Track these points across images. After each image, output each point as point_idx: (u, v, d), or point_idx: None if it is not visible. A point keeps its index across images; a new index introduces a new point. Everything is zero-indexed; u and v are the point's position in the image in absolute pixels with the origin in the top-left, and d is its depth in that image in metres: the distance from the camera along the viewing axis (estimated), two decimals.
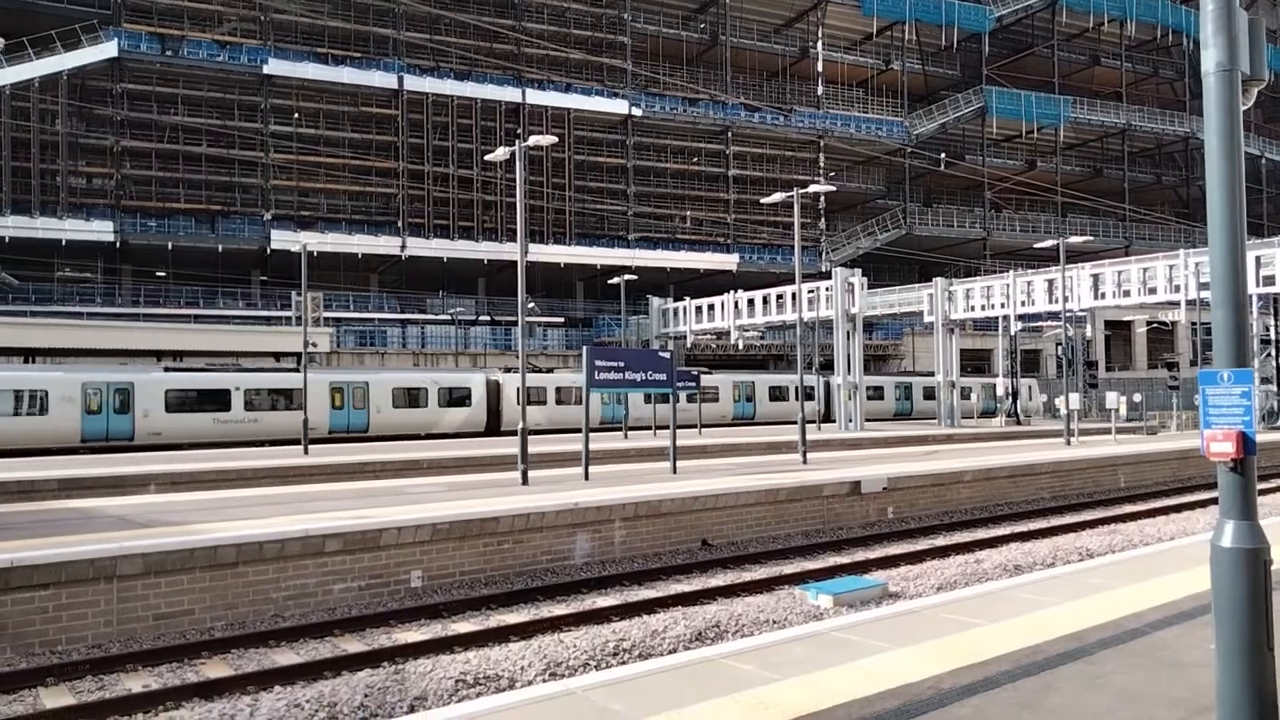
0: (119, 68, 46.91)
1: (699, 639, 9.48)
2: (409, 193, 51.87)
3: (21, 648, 8.95)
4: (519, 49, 54.85)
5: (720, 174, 60.62)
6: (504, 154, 18.22)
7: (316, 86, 50.75)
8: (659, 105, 58.65)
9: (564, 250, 54.39)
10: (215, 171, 49.97)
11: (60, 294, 46.95)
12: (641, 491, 14.81)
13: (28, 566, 9.07)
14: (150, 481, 19.49)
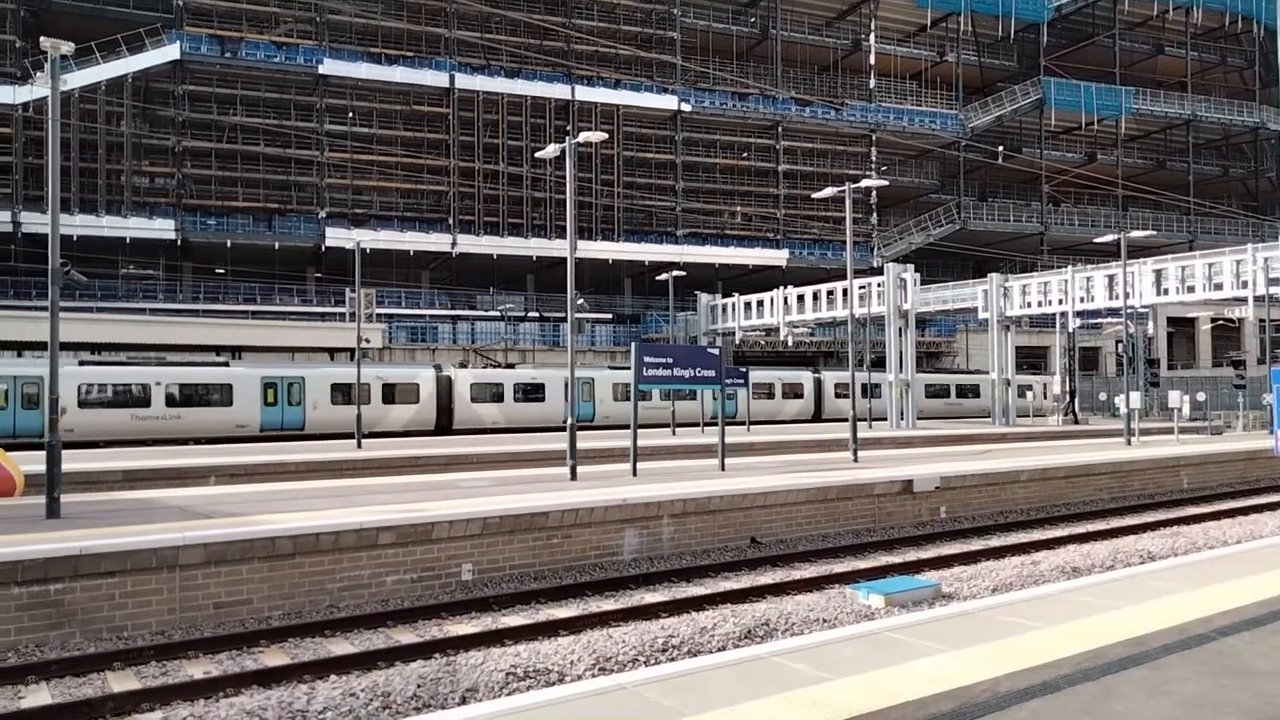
0: (180, 70, 48.13)
1: (748, 637, 9.43)
2: (460, 190, 52.39)
3: (90, 633, 9.25)
4: (569, 45, 55.04)
5: (770, 169, 60.16)
6: (554, 151, 18.30)
7: (370, 86, 51.52)
8: (708, 100, 58.40)
9: (612, 246, 54.47)
10: (272, 170, 51.02)
11: (125, 290, 48.34)
12: (690, 488, 14.78)
13: (95, 555, 9.36)
14: (210, 473, 19.99)
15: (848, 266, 23.78)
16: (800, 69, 64.22)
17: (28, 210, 44.78)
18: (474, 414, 35.84)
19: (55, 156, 13.19)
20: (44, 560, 9.09)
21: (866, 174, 56.18)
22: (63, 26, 45.82)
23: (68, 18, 48.94)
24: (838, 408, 44.37)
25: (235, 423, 31.52)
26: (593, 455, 21.93)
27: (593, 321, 55.90)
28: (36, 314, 29.12)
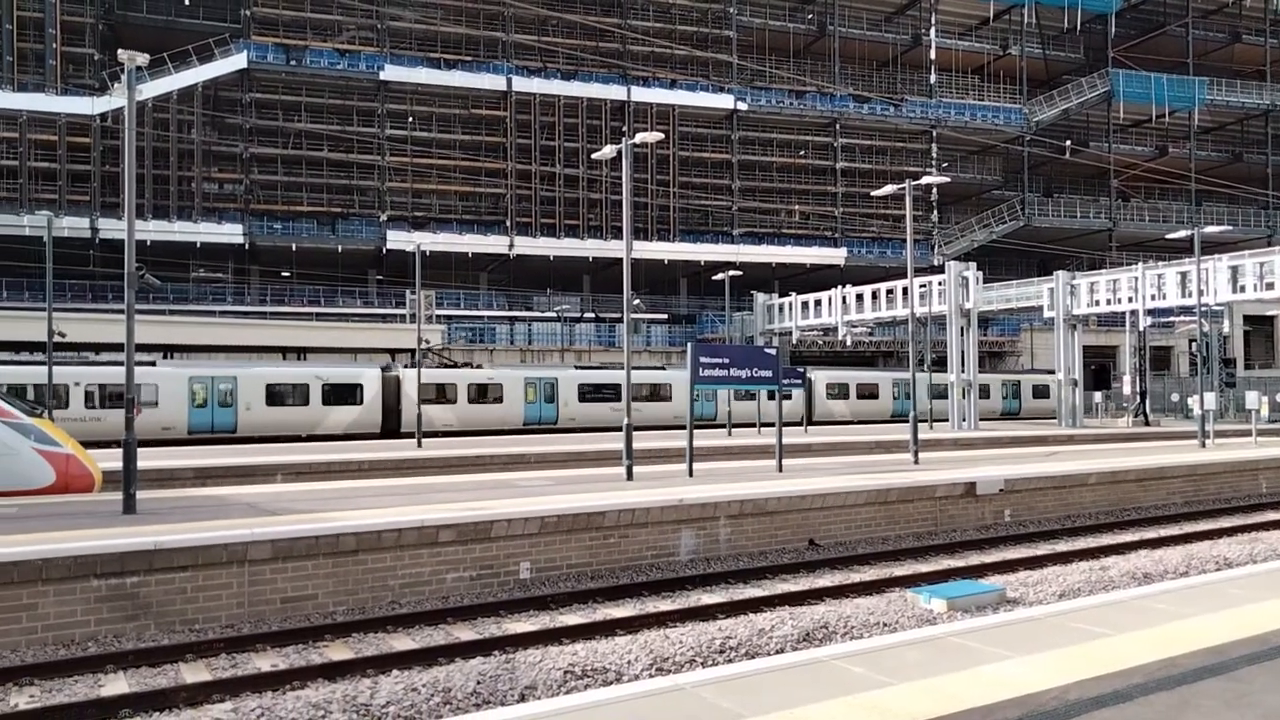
0: (248, 78, 49.51)
1: (807, 639, 9.34)
2: (517, 192, 52.93)
3: (164, 625, 9.55)
4: (625, 46, 55.22)
5: (828, 167, 59.55)
6: (610, 152, 18.36)
7: (430, 90, 52.35)
8: (765, 99, 58.04)
9: (668, 247, 54.48)
10: (335, 175, 52.20)
11: (196, 294, 49.90)
12: (747, 489, 14.69)
13: (169, 549, 9.66)
14: (277, 471, 20.49)
15: (908, 265, 23.40)
16: (858, 65, 63.43)
17: (104, 216, 46.50)
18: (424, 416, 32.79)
19: (131, 164, 13.65)
20: (121, 554, 9.42)
21: (927, 171, 55.24)
22: (138, 39, 47.49)
23: (143, 30, 50.71)
24: (829, 410, 41.54)
25: (160, 425, 29.64)
26: (650, 455, 21.95)
27: (648, 322, 55.99)
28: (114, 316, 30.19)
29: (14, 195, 46.43)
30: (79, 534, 10.06)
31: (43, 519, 11.50)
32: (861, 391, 44.07)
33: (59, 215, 39.16)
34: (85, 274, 46.33)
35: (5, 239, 44.53)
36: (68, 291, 44.17)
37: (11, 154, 46.73)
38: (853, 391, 43.73)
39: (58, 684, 8.00)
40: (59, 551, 9.16)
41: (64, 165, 46.91)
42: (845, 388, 43.54)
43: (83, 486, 14.65)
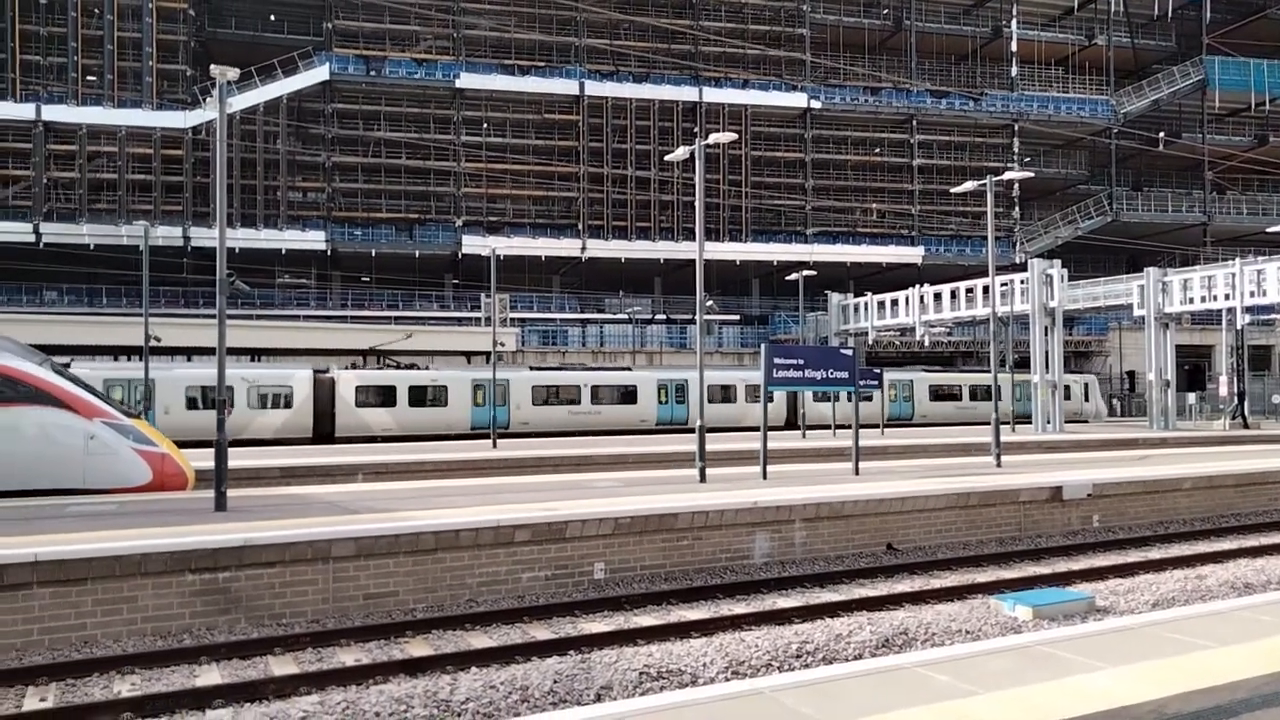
0: (330, 89, 51.03)
1: (886, 645, 9.16)
2: (589, 195, 53.32)
3: (253, 619, 9.88)
4: (696, 48, 55.18)
5: (904, 164, 58.43)
6: (683, 154, 18.34)
7: (504, 96, 53.14)
8: (839, 96, 57.27)
9: (740, 247, 54.19)
10: (413, 182, 53.42)
11: (281, 299, 51.59)
12: (822, 492, 14.49)
13: (258, 546, 10.00)
14: (358, 471, 21.03)
15: (989, 263, 22.79)
16: (936, 60, 62.12)
17: (196, 225, 48.48)
18: (360, 420, 32.56)
19: (222, 175, 14.17)
20: (213, 550, 9.78)
21: (1008, 166, 53.76)
22: (226, 54, 49.33)
23: (231, 45, 52.73)
24: (818, 413, 38.26)
25: None
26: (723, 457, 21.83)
27: (720, 323, 55.76)
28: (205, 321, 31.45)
29: (114, 207, 48.73)
30: (174, 530, 10.49)
31: (140, 515, 12.02)
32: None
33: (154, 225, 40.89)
34: (178, 280, 48.36)
35: (106, 248, 46.75)
36: (161, 297, 46.12)
37: (111, 167, 49.07)
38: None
39: (156, 673, 8.35)
40: (157, 547, 9.56)
41: (158, 177, 49.06)
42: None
43: (177, 485, 15.26)
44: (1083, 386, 45.41)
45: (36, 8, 49.16)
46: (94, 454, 14.49)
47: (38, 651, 8.85)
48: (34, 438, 14.21)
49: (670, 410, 37.20)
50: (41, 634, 8.96)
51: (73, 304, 48.81)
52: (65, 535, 10.08)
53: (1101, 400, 46.83)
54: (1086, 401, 44.98)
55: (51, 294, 49.68)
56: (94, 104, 48.85)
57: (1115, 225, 59.76)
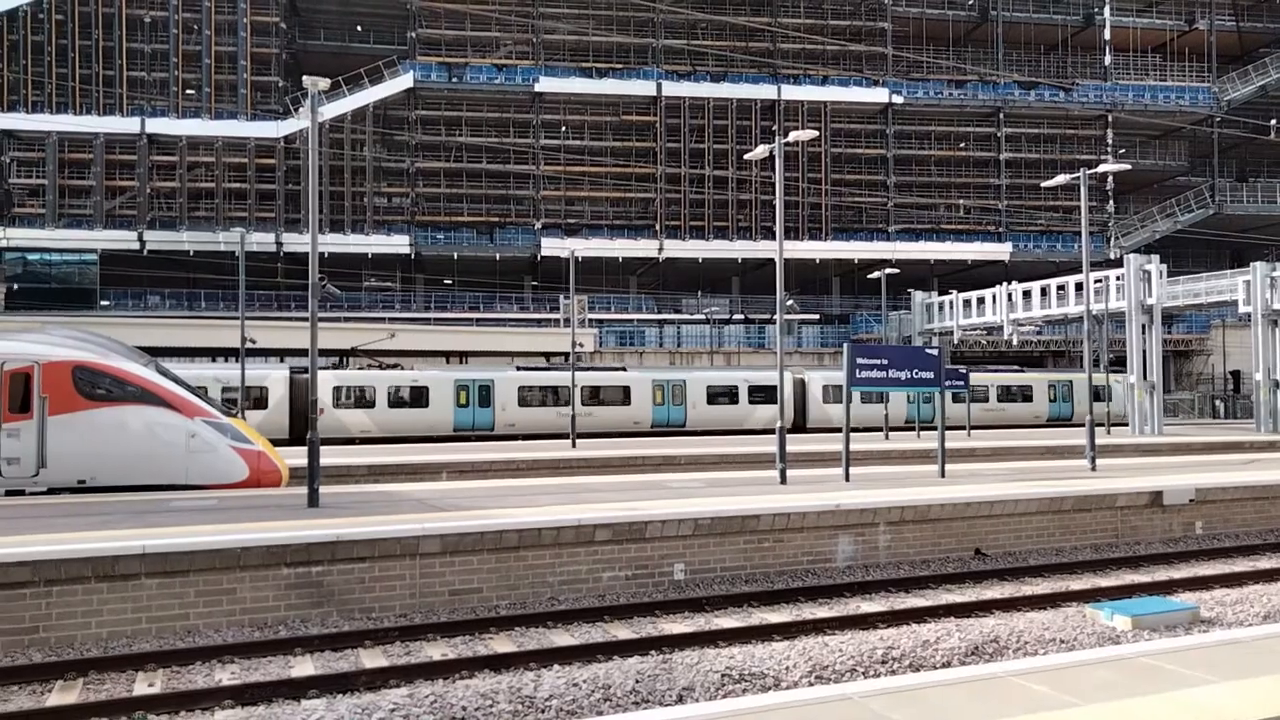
0: (413, 96, 52.29)
1: (975, 653, 8.89)
2: (666, 196, 53.38)
3: (345, 612, 10.17)
4: (775, 45, 54.72)
5: (990, 158, 56.85)
6: (763, 152, 18.19)
7: (581, 99, 53.63)
8: (922, 90, 56.06)
9: (819, 245, 53.51)
10: (493, 186, 54.35)
11: (367, 301, 53.09)
12: (907, 495, 14.18)
13: (349, 541, 10.29)
14: (443, 469, 21.48)
15: (1083, 259, 21.96)
16: (1024, 50, 60.24)
17: (287, 231, 50.26)
18: (337, 421, 31.40)
19: (315, 182, 14.63)
20: (307, 545, 10.10)
21: (1101, 158, 51.82)
22: (316, 65, 50.95)
23: (319, 56, 54.54)
24: (827, 415, 36.68)
25: None
26: (801, 459, 21.58)
27: (800, 322, 55.16)
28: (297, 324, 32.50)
29: (211, 214, 50.89)
30: (270, 525, 10.87)
31: (238, 510, 12.49)
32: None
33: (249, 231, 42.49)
34: (271, 284, 50.19)
35: (204, 254, 48.87)
36: (256, 301, 47.92)
37: (209, 177, 51.26)
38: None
39: (254, 663, 8.66)
40: (254, 541, 9.92)
41: (253, 185, 51.01)
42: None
43: (271, 481, 15.82)
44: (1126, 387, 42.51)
45: (141, 26, 51.67)
46: (195, 451, 15.13)
47: (146, 639, 9.28)
48: (140, 435, 14.91)
49: (667, 412, 35.48)
50: (149, 623, 9.39)
51: (174, 308, 51.13)
52: (170, 529, 10.54)
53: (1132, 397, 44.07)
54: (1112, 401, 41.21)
55: (155, 298, 52.16)
56: (193, 116, 51.12)
57: (1217, 218, 56.97)
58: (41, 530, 10.45)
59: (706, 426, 34.53)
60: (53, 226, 49.80)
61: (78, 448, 14.52)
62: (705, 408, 35.42)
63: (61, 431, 14.43)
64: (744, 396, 36.52)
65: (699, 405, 35.31)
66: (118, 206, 51.30)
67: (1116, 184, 55.82)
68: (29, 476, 14.39)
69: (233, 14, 51.76)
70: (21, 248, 49.98)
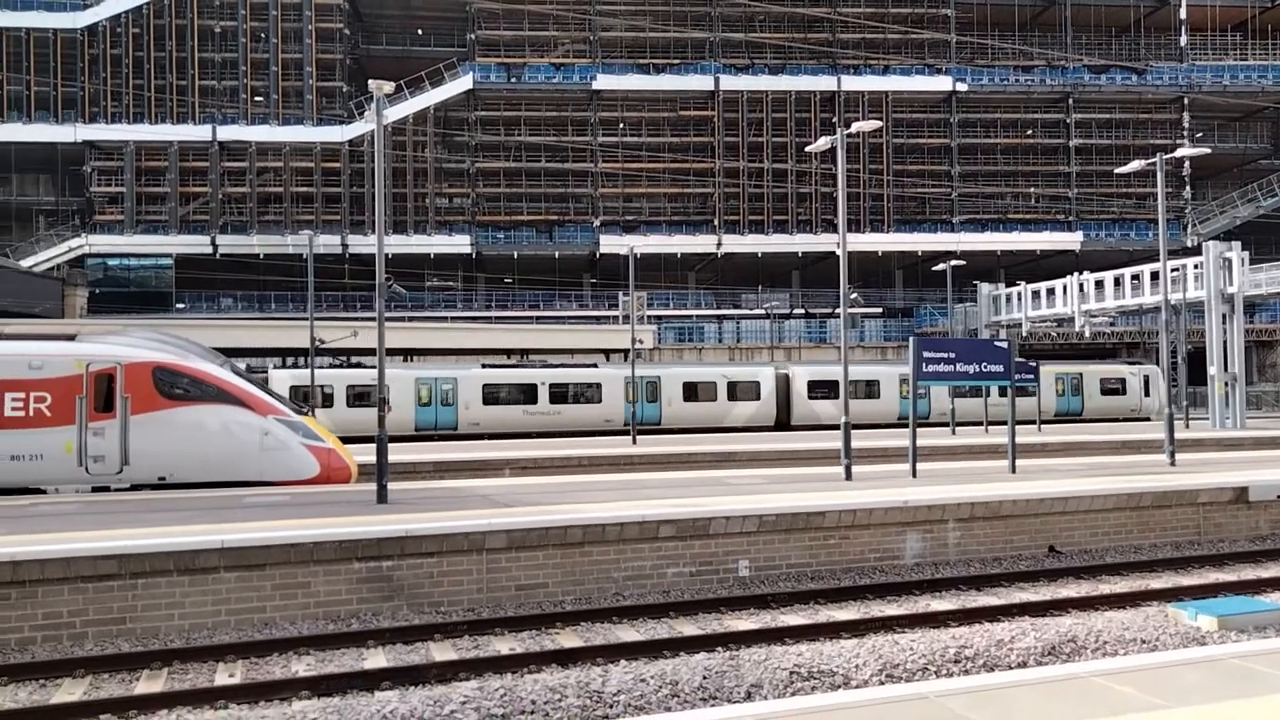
0: (473, 98, 52.94)
1: (1052, 653, 8.65)
2: (724, 190, 53.13)
3: (414, 606, 10.35)
4: (834, 35, 54.02)
5: (1059, 145, 55.31)
6: (824, 144, 17.96)
7: (639, 96, 53.67)
8: (986, 77, 54.78)
9: (882, 238, 52.72)
10: (552, 184, 54.73)
11: (430, 301, 53.95)
12: (977, 491, 13.88)
13: (418, 536, 10.46)
14: (506, 466, 21.70)
15: (1160, 247, 21.20)
16: (1094, 34, 58.44)
17: (352, 233, 51.35)
18: None
19: (381, 185, 14.89)
20: (378, 540, 10.30)
21: (1178, 142, 49.93)
22: (378, 69, 51.93)
23: (382, 61, 55.51)
24: (812, 412, 35.53)
25: None
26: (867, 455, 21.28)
27: (862, 316, 54.41)
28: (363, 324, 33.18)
29: (280, 218, 52.24)
30: (341, 521, 11.10)
31: (309, 506, 12.79)
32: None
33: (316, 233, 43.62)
34: (338, 285, 51.33)
35: (274, 257, 50.18)
36: (323, 301, 49.09)
37: (277, 181, 52.62)
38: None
39: (328, 655, 8.86)
40: (327, 536, 10.15)
41: (319, 189, 52.22)
42: (831, 388, 36.38)
43: (341, 478, 16.18)
44: (1141, 380, 40.05)
45: (212, 36, 53.25)
46: (268, 449, 15.55)
47: (225, 631, 9.56)
48: (216, 433, 15.38)
49: (640, 410, 33.86)
50: (228, 615, 9.68)
51: (245, 309, 52.64)
52: (246, 524, 10.84)
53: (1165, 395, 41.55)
54: (1147, 396, 39.51)
55: (227, 300, 53.79)
56: (261, 123, 52.52)
57: None
58: (126, 525, 10.85)
59: (682, 425, 33.48)
60: (131, 233, 51.66)
61: (158, 445, 15.03)
62: (681, 405, 34.40)
63: (143, 430, 14.95)
64: (722, 393, 35.26)
65: (674, 402, 34.33)
66: (191, 212, 52.99)
67: (1194, 169, 53.80)
68: (113, 473, 14.94)
69: (298, 21, 53.02)
70: (103, 253, 51.99)
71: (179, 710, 7.37)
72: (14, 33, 51.30)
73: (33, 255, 50.69)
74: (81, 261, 51.34)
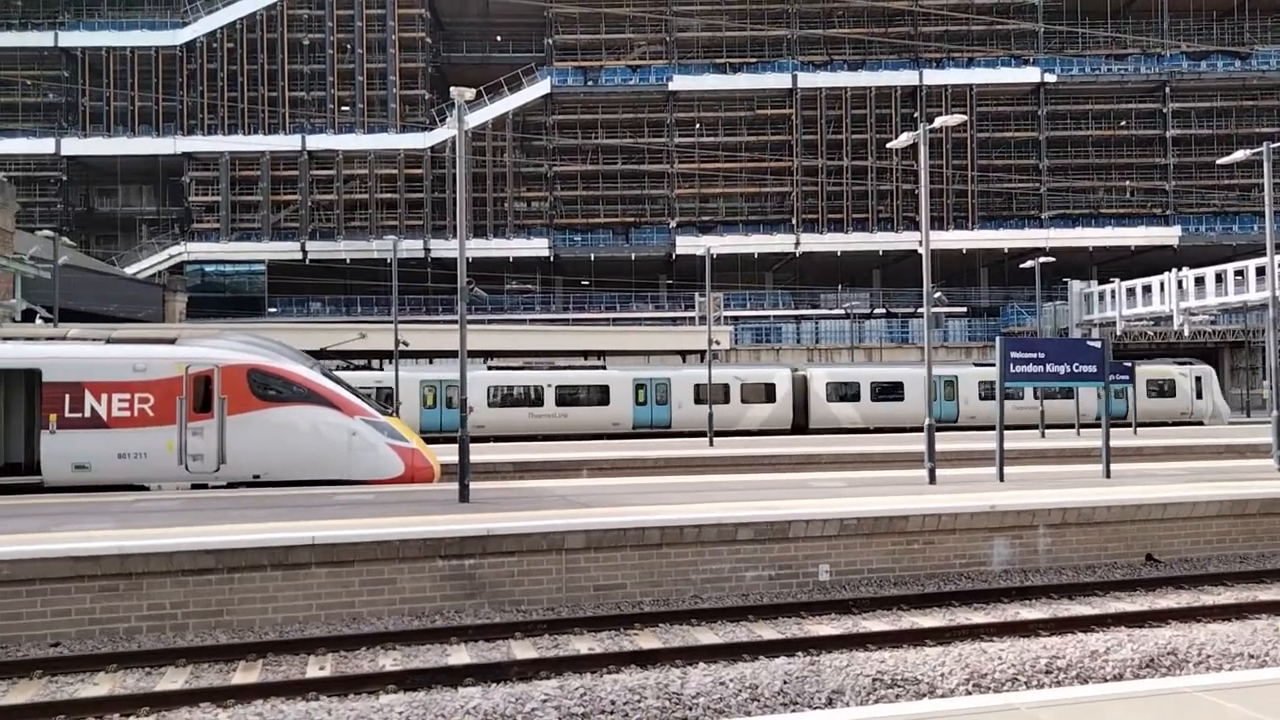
0: (550, 102, 53.59)
1: (1150, 666, 8.29)
2: (802, 189, 52.54)
3: (495, 604, 10.51)
4: (916, 28, 52.91)
5: (1155, 136, 53.07)
6: (906, 140, 17.60)
7: (715, 95, 53.52)
8: (1077, 67, 52.92)
9: (966, 235, 51.40)
10: (628, 186, 55.00)
11: (509, 303, 54.80)
12: (1069, 496, 13.40)
13: (499, 535, 10.62)
14: (583, 467, 21.85)
15: (1267, 240, 20.11)
16: (1193, 18, 55.86)
17: (434, 238, 52.54)
18: None
19: (463, 190, 15.19)
20: (460, 539, 10.49)
21: None
22: (459, 76, 53.11)
23: (462, 68, 56.73)
24: (832, 416, 33.98)
25: None
26: (950, 458, 20.74)
27: (946, 315, 53.13)
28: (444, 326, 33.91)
29: (365, 224, 53.77)
30: (425, 519, 11.35)
31: (394, 505, 13.11)
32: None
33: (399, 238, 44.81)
34: (421, 289, 52.56)
35: (360, 262, 51.66)
36: (406, 305, 50.33)
37: (362, 188, 54.19)
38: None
39: (413, 650, 9.06)
40: (411, 534, 10.39)
41: (402, 195, 53.57)
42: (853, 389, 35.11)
43: (425, 477, 16.54)
44: (1192, 380, 37.04)
45: (301, 49, 55.15)
46: (356, 449, 16.00)
47: (315, 625, 9.87)
48: (307, 433, 15.89)
49: (650, 412, 33.25)
50: (319, 609, 9.99)
51: (333, 313, 54.35)
52: (335, 522, 11.18)
53: (1220, 397, 37.85)
54: (1199, 399, 36.58)
55: (315, 304, 55.61)
56: (347, 132, 54.15)
57: None
58: (223, 521, 11.30)
59: (694, 427, 32.26)
60: (226, 240, 53.89)
61: (252, 445, 15.61)
62: (692, 407, 33.25)
63: (238, 430, 15.54)
64: (735, 395, 34.06)
65: (685, 405, 33.38)
66: (282, 219, 54.97)
67: None
68: (211, 471, 15.58)
69: (382, 32, 54.51)
70: (200, 260, 54.38)
71: (273, 700, 7.63)
72: (120, 51, 54.05)
73: (136, 263, 53.34)
74: (181, 268, 53.79)
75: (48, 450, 15.14)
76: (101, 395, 15.18)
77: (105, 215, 58.94)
